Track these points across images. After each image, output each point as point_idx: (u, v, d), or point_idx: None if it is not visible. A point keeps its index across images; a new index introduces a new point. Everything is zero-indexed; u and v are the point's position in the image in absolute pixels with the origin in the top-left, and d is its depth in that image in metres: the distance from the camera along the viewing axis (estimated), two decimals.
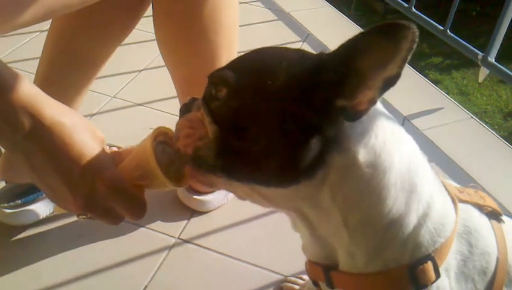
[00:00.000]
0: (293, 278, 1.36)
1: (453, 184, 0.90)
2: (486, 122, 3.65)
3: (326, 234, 0.82)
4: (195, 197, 1.54)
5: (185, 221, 1.53)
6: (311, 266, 0.91)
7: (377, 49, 0.65)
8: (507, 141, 1.99)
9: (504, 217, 0.91)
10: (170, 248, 1.46)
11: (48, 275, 1.36)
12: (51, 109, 0.78)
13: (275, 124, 0.72)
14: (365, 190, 0.75)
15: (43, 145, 0.78)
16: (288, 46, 2.27)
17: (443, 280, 0.80)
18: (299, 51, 0.78)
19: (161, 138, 0.85)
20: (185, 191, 1.55)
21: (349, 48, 0.68)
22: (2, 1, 0.90)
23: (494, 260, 0.84)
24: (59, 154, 0.79)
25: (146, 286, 1.35)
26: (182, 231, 1.50)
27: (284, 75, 0.73)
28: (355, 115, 0.70)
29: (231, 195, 1.58)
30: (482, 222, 0.86)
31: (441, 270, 0.79)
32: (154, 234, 1.49)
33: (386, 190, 0.75)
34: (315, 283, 0.94)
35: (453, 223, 0.81)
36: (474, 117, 2.11)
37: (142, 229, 1.50)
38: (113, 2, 1.17)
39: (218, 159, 0.76)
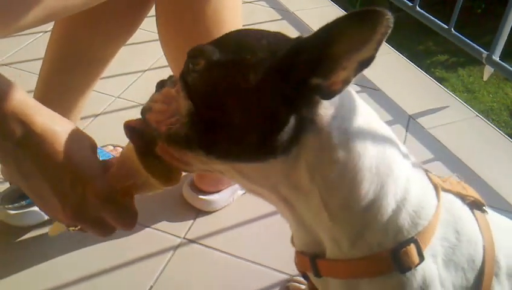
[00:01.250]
0: (299, 278, 1.36)
1: (435, 175, 0.90)
2: (492, 120, 3.65)
3: (308, 218, 0.83)
4: (200, 197, 1.54)
5: (191, 221, 1.53)
6: (299, 256, 0.92)
7: (353, 32, 0.67)
8: None
9: (487, 209, 0.92)
10: (176, 248, 1.46)
11: (53, 276, 1.36)
12: (42, 116, 0.77)
13: (251, 99, 0.73)
14: (342, 173, 0.77)
15: (34, 153, 0.77)
16: None
17: (430, 267, 0.81)
18: (278, 33, 0.79)
19: None
20: (191, 191, 1.55)
21: (326, 31, 0.69)
22: (5, 3, 0.90)
23: (481, 249, 0.85)
24: (49, 162, 0.77)
25: (151, 286, 1.36)
26: (188, 231, 1.50)
27: (263, 52, 0.74)
28: (330, 93, 0.71)
29: (237, 195, 1.58)
30: (464, 210, 0.87)
31: (428, 256, 0.80)
32: (159, 234, 1.49)
33: (361, 174, 0.77)
34: (305, 276, 0.95)
35: (434, 208, 0.82)
36: (479, 115, 2.10)
37: (147, 229, 1.50)
38: (116, 3, 1.17)
39: (192, 134, 0.75)
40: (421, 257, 0.80)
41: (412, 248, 0.79)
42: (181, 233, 1.50)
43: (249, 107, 0.73)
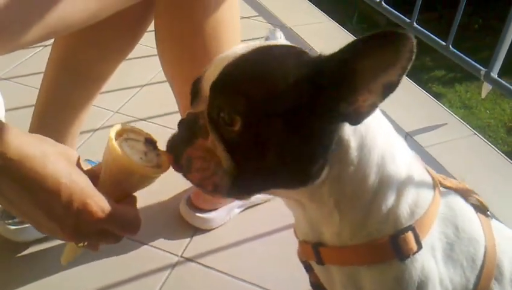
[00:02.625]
0: None
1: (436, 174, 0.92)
2: (489, 137, 3.65)
3: (317, 216, 0.85)
4: (197, 214, 1.54)
5: (188, 239, 1.53)
6: (302, 246, 0.93)
7: (377, 53, 0.67)
8: (511, 156, 1.99)
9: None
10: (173, 266, 1.46)
11: None
12: (19, 143, 0.75)
13: (288, 140, 0.74)
14: (354, 171, 0.79)
15: (17, 181, 0.75)
16: None
17: (429, 261, 0.82)
18: (294, 53, 0.78)
19: (124, 136, 0.84)
20: (188, 209, 1.55)
21: (349, 51, 0.70)
22: (6, 21, 0.91)
23: (482, 248, 0.86)
24: (35, 187, 0.75)
25: None
26: (185, 249, 1.50)
27: (287, 88, 0.73)
28: (357, 118, 0.73)
29: (234, 213, 1.58)
30: (467, 209, 0.88)
31: (426, 247, 0.82)
32: (156, 252, 1.49)
33: (370, 167, 0.79)
34: (307, 268, 0.95)
35: (431, 197, 0.84)
36: (477, 134, 2.11)
37: (145, 246, 1.50)
38: (116, 19, 1.17)
39: (237, 183, 0.77)
40: (419, 245, 0.81)
41: (410, 235, 0.81)
42: (178, 251, 1.49)
43: (286, 149, 0.74)
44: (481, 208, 0.91)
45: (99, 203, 0.79)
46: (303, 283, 0.97)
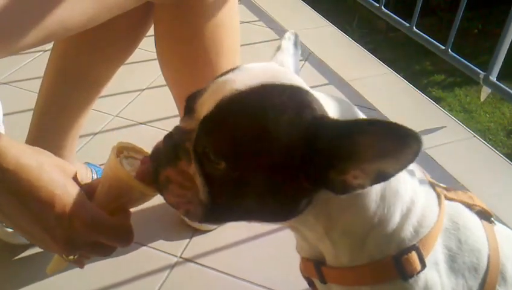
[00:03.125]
0: None
1: (441, 185, 0.91)
2: (489, 140, 3.65)
3: (312, 238, 0.85)
4: None
5: (187, 240, 1.53)
6: (304, 263, 0.93)
7: (384, 141, 0.66)
8: (510, 158, 1.99)
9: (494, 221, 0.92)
10: (172, 267, 1.46)
11: None
12: (15, 152, 0.75)
13: (270, 190, 0.73)
14: (345, 208, 0.78)
15: (11, 191, 0.75)
16: None
17: (432, 274, 0.81)
18: (297, 103, 0.73)
19: (125, 153, 0.85)
20: None
21: (357, 126, 0.69)
22: (4, 25, 0.91)
23: (485, 258, 0.85)
24: (29, 198, 0.76)
25: None
26: (184, 250, 1.50)
27: (279, 145, 0.71)
28: (341, 190, 0.71)
29: None
30: (472, 219, 0.87)
31: (430, 263, 0.81)
32: (156, 253, 1.49)
33: (367, 206, 0.78)
34: (310, 283, 0.95)
35: (436, 216, 0.82)
36: (476, 136, 2.11)
37: (144, 248, 1.50)
38: (115, 23, 1.18)
39: (209, 215, 0.77)
40: (423, 264, 0.80)
41: (414, 255, 0.80)
42: (177, 252, 1.50)
43: (266, 195, 0.74)
44: (485, 215, 0.90)
45: (92, 215, 0.80)
46: (302, 282, 0.97)
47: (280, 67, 0.83)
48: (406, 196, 0.80)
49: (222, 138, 0.72)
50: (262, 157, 0.71)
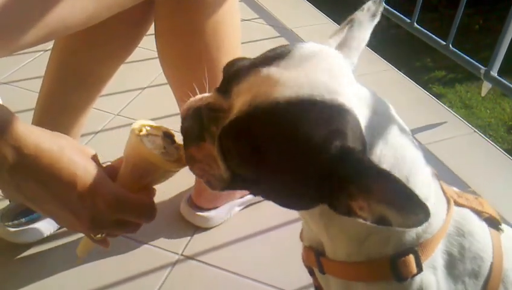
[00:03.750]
0: None
1: (453, 189, 0.90)
2: (490, 135, 3.65)
3: (315, 229, 0.86)
4: (198, 213, 1.54)
5: (188, 237, 1.54)
6: (306, 251, 0.93)
7: (395, 196, 0.66)
8: (511, 154, 1.99)
9: (503, 226, 0.91)
10: (173, 264, 1.46)
11: None
12: (35, 138, 0.77)
13: (284, 192, 0.75)
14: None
15: (33, 176, 0.77)
16: None
17: (429, 277, 0.81)
18: (332, 122, 0.71)
19: (144, 132, 0.85)
20: (188, 208, 1.55)
21: (377, 174, 0.68)
22: (4, 23, 0.91)
23: (488, 265, 0.85)
24: (52, 181, 0.77)
25: None
26: (185, 247, 1.51)
27: (302, 166, 0.71)
28: (345, 213, 0.71)
29: (234, 211, 1.59)
30: (478, 227, 0.87)
31: (427, 267, 0.80)
32: (157, 250, 1.49)
33: None
34: (311, 272, 0.96)
35: (441, 222, 0.82)
36: (477, 131, 2.11)
37: (145, 246, 1.50)
38: (116, 21, 1.18)
39: (229, 188, 0.78)
40: (419, 268, 0.80)
41: (411, 258, 0.79)
42: (179, 250, 1.50)
43: (284, 195, 0.76)
44: (494, 223, 0.89)
45: (114, 193, 0.82)
46: (303, 279, 0.97)
47: (335, 62, 0.78)
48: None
49: (248, 147, 0.71)
50: (283, 172, 0.72)
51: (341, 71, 0.76)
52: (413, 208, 0.64)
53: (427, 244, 0.81)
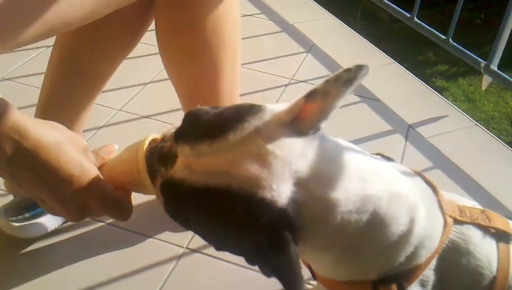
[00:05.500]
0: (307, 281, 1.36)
1: (458, 201, 0.89)
2: (493, 129, 3.65)
3: None
4: None
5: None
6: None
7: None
8: None
9: None
10: (179, 257, 1.46)
11: (56, 288, 1.37)
12: (33, 131, 0.78)
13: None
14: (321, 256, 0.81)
15: (30, 168, 0.79)
16: (293, 57, 2.25)
17: None
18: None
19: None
20: None
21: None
22: (4, 20, 0.91)
23: (487, 280, 0.84)
24: (48, 175, 0.79)
25: None
26: (190, 240, 1.51)
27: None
28: None
29: None
30: (480, 243, 0.85)
31: (415, 286, 0.80)
32: (162, 244, 1.50)
33: (344, 232, 0.76)
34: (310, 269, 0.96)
35: (432, 249, 0.81)
36: (478, 124, 2.11)
37: (150, 239, 1.50)
38: (117, 17, 1.18)
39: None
40: None
41: (393, 287, 0.79)
42: (183, 243, 1.50)
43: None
44: (503, 236, 0.87)
45: (106, 194, 0.85)
46: (307, 272, 0.98)
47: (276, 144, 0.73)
48: (397, 227, 0.78)
49: (176, 207, 0.76)
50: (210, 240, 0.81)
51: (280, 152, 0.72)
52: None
53: (413, 271, 0.80)
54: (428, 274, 0.81)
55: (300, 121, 0.74)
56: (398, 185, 0.81)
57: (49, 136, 0.80)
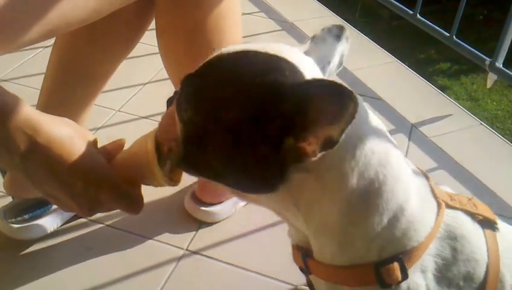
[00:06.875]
0: (303, 287, 1.35)
1: (446, 190, 0.90)
2: (497, 128, 3.63)
3: (298, 226, 0.86)
4: (202, 208, 1.54)
5: (193, 232, 1.53)
6: (293, 251, 0.94)
7: (326, 104, 0.67)
8: None
9: (502, 224, 0.91)
10: (178, 259, 1.46)
11: (58, 288, 1.37)
12: (46, 126, 0.80)
13: (230, 149, 0.74)
14: (320, 194, 0.78)
15: (42, 163, 0.80)
16: None
17: (417, 282, 0.81)
18: (271, 63, 0.75)
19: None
20: (192, 203, 1.55)
21: (314, 86, 0.70)
22: (7, 20, 0.91)
23: (483, 267, 0.84)
24: (60, 170, 0.81)
25: None
26: (190, 242, 1.50)
27: (240, 104, 0.73)
28: (298, 157, 0.71)
29: (239, 205, 1.58)
30: (471, 229, 0.86)
31: (415, 271, 0.80)
32: (162, 246, 1.49)
33: (343, 197, 0.77)
34: (303, 270, 0.95)
35: (429, 228, 0.81)
36: (483, 123, 2.10)
37: (150, 241, 1.50)
38: (116, 17, 1.17)
39: (183, 162, 0.80)
40: (405, 275, 0.79)
41: (395, 266, 0.79)
42: (183, 245, 1.49)
43: (228, 156, 0.75)
44: (489, 223, 0.88)
45: (117, 187, 0.87)
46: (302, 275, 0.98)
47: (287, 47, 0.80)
48: (393, 201, 0.79)
49: (192, 88, 0.78)
50: (223, 113, 0.73)
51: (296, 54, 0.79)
52: (343, 101, 0.65)
53: (413, 251, 0.80)
54: (428, 260, 0.81)
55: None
56: (401, 165, 0.83)
57: (62, 130, 0.82)
